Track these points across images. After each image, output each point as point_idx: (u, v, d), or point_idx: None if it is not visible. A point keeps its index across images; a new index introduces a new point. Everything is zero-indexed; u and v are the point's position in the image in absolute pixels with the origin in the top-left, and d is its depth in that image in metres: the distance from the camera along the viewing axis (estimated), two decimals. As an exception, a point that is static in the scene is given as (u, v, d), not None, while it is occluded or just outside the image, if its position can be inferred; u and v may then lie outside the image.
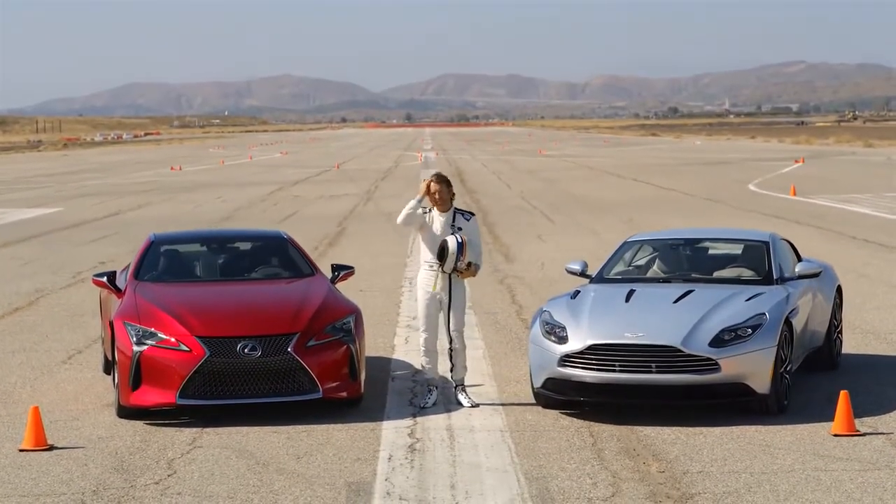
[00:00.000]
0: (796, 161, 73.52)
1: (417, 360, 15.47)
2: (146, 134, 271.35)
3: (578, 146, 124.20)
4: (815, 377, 14.43)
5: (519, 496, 10.20)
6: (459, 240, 13.16)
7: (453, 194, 13.50)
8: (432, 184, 13.33)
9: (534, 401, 13.17)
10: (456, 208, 13.48)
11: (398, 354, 16.20)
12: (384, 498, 10.19)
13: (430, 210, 13.45)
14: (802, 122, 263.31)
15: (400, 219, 13.52)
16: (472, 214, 13.59)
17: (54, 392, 14.38)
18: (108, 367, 14.63)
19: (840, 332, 15.21)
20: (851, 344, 16.30)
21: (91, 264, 26.80)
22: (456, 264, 13.20)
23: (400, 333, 17.74)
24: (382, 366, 15.42)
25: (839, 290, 15.32)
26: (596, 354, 12.36)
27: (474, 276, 13.41)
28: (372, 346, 16.20)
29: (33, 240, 34.05)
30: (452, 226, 13.33)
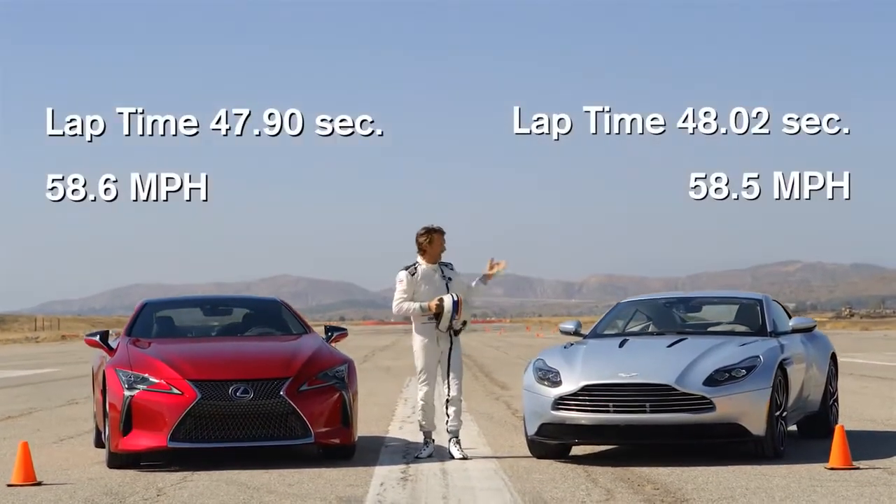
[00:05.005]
0: (793, 336, 73.62)
1: (414, 434, 15.39)
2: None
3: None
4: (811, 441, 14.34)
5: (512, 502, 10.10)
6: (455, 298, 13.12)
7: (444, 248, 13.47)
8: (431, 235, 13.22)
9: (528, 453, 13.07)
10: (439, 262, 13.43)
11: (392, 434, 16.10)
12: (376, 508, 10.10)
13: (416, 265, 13.38)
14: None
15: (395, 308, 13.40)
16: (451, 263, 13.46)
17: (46, 457, 14.24)
18: (100, 438, 14.52)
19: (836, 400, 15.14)
20: (848, 425, 16.15)
21: (87, 393, 26.63)
22: (451, 322, 13.16)
23: (394, 424, 17.63)
24: (377, 440, 15.31)
25: (834, 358, 15.29)
26: (590, 395, 12.30)
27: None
28: (366, 430, 16.11)
29: (28, 385, 33.88)
30: (443, 277, 13.30)
